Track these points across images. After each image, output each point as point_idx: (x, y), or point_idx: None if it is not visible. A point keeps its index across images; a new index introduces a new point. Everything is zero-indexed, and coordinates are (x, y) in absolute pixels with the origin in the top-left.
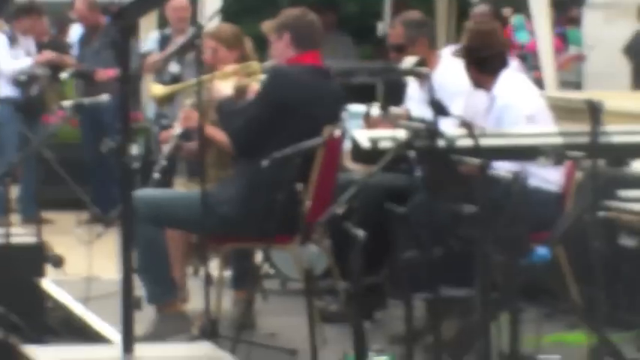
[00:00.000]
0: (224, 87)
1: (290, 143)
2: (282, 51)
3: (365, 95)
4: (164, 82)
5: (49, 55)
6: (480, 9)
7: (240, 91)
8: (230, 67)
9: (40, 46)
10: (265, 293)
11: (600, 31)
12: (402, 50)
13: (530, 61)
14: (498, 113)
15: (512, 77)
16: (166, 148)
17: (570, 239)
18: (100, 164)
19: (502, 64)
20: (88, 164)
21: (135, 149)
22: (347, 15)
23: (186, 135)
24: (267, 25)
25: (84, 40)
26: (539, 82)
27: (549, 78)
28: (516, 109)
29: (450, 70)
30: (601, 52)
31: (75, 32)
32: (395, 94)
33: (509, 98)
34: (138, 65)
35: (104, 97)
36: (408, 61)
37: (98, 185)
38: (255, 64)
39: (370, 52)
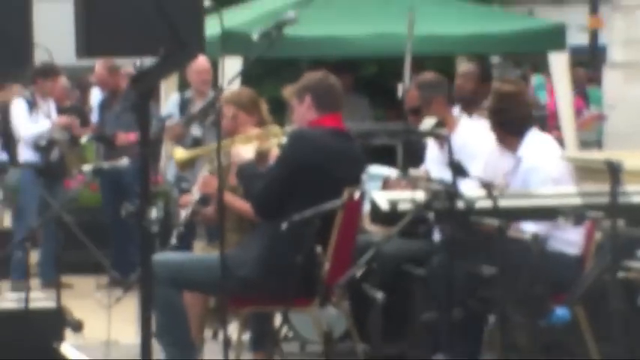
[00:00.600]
0: (245, 151)
1: (311, 206)
2: (303, 114)
3: (385, 156)
4: (186, 146)
5: (66, 119)
6: (465, 67)
7: (262, 155)
8: (252, 131)
9: (61, 111)
10: (284, 356)
11: (620, 91)
12: (418, 113)
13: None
14: (525, 175)
15: (538, 138)
16: (184, 214)
17: (590, 299)
18: (119, 228)
19: (528, 125)
20: (107, 228)
21: (154, 213)
22: (366, 76)
23: (204, 200)
24: (288, 90)
25: (104, 104)
26: (559, 142)
27: (569, 138)
28: (543, 171)
29: (469, 130)
30: (621, 112)
31: (95, 96)
32: (415, 156)
33: (536, 160)
34: (158, 129)
35: (124, 161)
36: (427, 123)
37: (118, 249)
38: (276, 128)
39: (385, 113)
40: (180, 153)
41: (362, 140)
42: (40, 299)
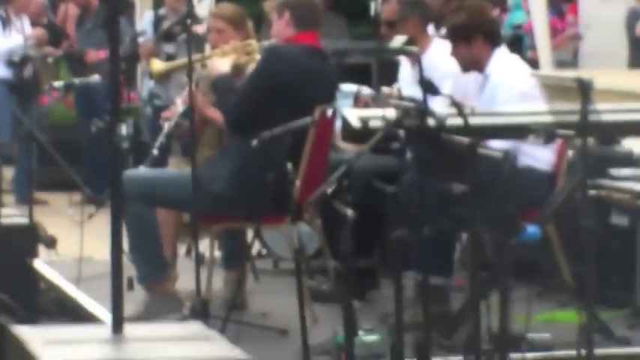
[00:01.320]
0: (221, 64)
1: (283, 122)
2: (281, 30)
3: (359, 75)
4: None
5: (39, 32)
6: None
7: (238, 69)
8: (229, 46)
9: (36, 27)
10: (257, 273)
11: (596, 10)
12: (393, 26)
13: (526, 40)
14: (491, 91)
15: (505, 56)
16: (167, 126)
17: (561, 217)
18: (92, 145)
19: (495, 42)
20: (81, 145)
21: (124, 129)
22: None
23: (186, 113)
24: (269, 4)
25: (77, 22)
26: (535, 63)
27: (545, 58)
28: (510, 87)
29: (441, 51)
30: (597, 32)
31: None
32: (388, 74)
33: (503, 76)
34: (132, 45)
35: (95, 78)
36: (398, 40)
37: (91, 166)
38: (254, 43)
39: (364, 32)
40: (158, 64)
41: (337, 58)
42: (14, 215)
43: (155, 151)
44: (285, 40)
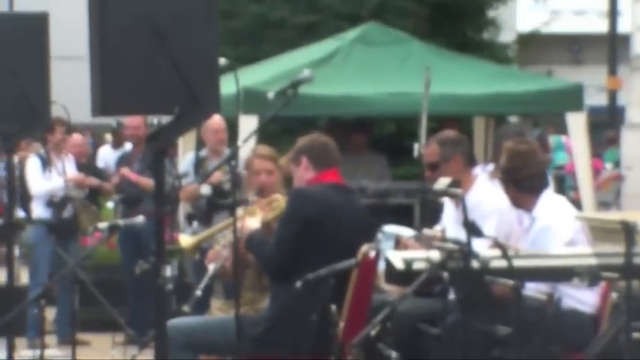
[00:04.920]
0: (252, 223)
1: (319, 261)
2: (302, 175)
3: (402, 216)
4: (199, 208)
5: (79, 176)
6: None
7: (267, 225)
8: (255, 205)
9: (79, 168)
10: None
11: (639, 151)
12: (436, 168)
13: (568, 181)
14: (537, 234)
15: (552, 199)
16: (212, 268)
17: None
18: (136, 285)
19: (542, 184)
20: (124, 286)
21: (169, 270)
22: (384, 135)
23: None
24: (283, 161)
25: (123, 162)
26: (577, 203)
27: (587, 198)
28: (556, 232)
29: (484, 190)
30: (639, 173)
31: (104, 155)
32: (432, 215)
33: (550, 220)
34: (174, 186)
35: (139, 219)
36: (442, 182)
37: (134, 307)
38: (279, 197)
39: (407, 172)
40: (186, 241)
41: (379, 199)
42: (56, 357)
43: (199, 292)
44: (307, 183)
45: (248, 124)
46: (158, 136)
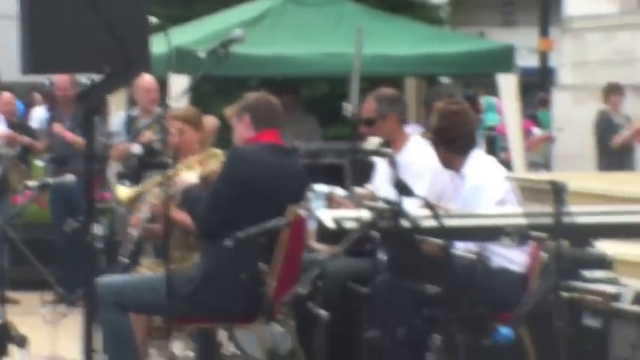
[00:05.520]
0: (189, 177)
1: (254, 222)
2: (242, 132)
3: (333, 176)
4: (130, 167)
5: (10, 133)
6: None
7: (205, 179)
8: (193, 158)
9: (10, 126)
10: None
11: (569, 113)
12: (372, 124)
13: (499, 142)
14: (467, 194)
15: (482, 159)
16: (134, 233)
17: (534, 319)
18: (66, 244)
19: (472, 144)
20: (56, 244)
21: (99, 229)
22: (316, 96)
23: (152, 218)
24: (229, 111)
25: (53, 121)
26: (508, 164)
27: (518, 159)
28: (485, 192)
29: (417, 150)
30: (569, 134)
31: (38, 114)
32: (362, 175)
33: (479, 180)
34: (104, 146)
35: (69, 177)
36: (373, 142)
37: (64, 265)
38: (216, 151)
39: (338, 132)
40: (123, 192)
41: (310, 159)
42: None
43: (124, 259)
44: (246, 142)
45: (179, 83)
46: (88, 94)
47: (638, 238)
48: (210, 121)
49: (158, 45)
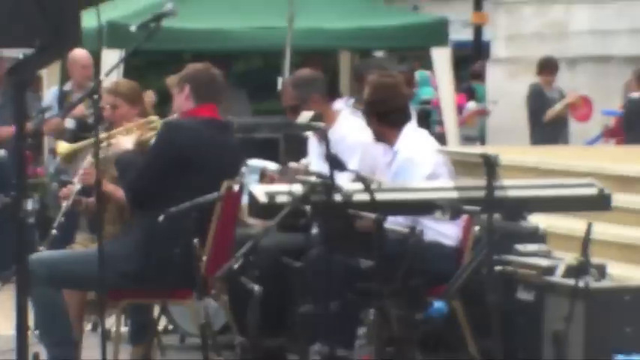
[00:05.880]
0: (125, 142)
1: (187, 196)
2: (181, 104)
3: (268, 150)
4: (65, 140)
5: None
6: None
7: (142, 145)
8: (133, 123)
9: None
10: (163, 348)
11: (503, 86)
12: (295, 111)
13: (434, 116)
14: (399, 167)
15: (414, 132)
16: (65, 205)
17: (467, 293)
18: None
19: (405, 117)
20: None
21: (30, 204)
22: (250, 70)
23: (85, 191)
24: (171, 80)
25: None
26: (442, 138)
27: (452, 133)
28: (417, 166)
29: (348, 124)
30: (504, 107)
31: None
32: (297, 149)
33: (411, 154)
34: (38, 121)
35: (1, 153)
36: (305, 116)
37: None
38: (157, 120)
39: (271, 107)
40: (64, 146)
41: (244, 134)
42: None
43: (54, 231)
44: (184, 114)
45: (111, 57)
46: (18, 69)
47: (570, 211)
48: (148, 95)
49: (89, 19)
